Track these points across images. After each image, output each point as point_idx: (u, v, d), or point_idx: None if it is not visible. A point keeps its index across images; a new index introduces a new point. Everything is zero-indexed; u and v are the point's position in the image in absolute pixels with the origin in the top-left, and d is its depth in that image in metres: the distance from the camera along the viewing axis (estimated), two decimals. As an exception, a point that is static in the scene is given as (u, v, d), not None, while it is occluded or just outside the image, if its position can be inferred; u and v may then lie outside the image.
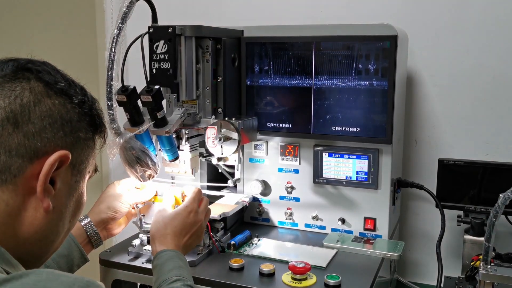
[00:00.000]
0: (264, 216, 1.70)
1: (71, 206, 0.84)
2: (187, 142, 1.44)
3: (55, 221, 0.81)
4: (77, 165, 0.82)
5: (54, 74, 0.80)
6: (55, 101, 0.78)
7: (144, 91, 1.27)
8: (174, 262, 1.18)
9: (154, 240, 1.27)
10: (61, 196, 0.80)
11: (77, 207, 0.87)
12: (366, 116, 1.50)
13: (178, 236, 1.27)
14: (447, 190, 1.63)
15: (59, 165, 0.77)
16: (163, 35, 1.35)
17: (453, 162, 1.61)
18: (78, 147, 0.81)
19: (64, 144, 0.78)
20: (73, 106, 0.80)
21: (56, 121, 0.77)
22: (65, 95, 0.80)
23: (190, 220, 1.30)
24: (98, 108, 0.88)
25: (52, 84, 0.79)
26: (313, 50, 1.52)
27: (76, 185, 0.84)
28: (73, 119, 0.80)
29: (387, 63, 1.45)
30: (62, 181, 0.79)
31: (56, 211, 0.80)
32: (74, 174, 0.82)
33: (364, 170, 1.54)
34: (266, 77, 1.60)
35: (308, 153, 1.60)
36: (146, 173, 1.31)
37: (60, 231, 0.84)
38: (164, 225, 1.28)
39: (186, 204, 1.32)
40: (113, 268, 1.41)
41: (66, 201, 0.82)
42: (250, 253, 1.46)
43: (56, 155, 0.76)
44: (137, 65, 1.32)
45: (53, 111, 0.77)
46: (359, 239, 1.54)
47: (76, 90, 0.82)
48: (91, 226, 1.32)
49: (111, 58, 1.21)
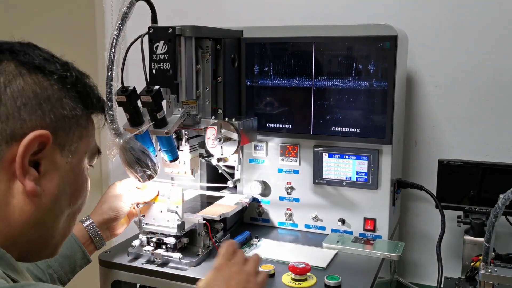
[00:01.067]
0: (264, 217, 1.70)
1: (68, 188, 0.80)
2: (187, 143, 1.43)
3: (48, 205, 0.78)
4: (66, 145, 0.78)
5: (29, 52, 0.77)
6: (27, 79, 0.74)
7: (144, 91, 1.26)
8: None
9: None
10: (50, 179, 0.77)
11: (77, 189, 0.83)
12: (366, 116, 1.50)
13: None
14: (447, 190, 1.63)
15: (42, 147, 0.74)
16: (163, 36, 1.35)
17: (453, 163, 1.61)
18: (64, 126, 0.77)
19: (44, 124, 0.74)
20: (51, 83, 0.76)
21: (30, 100, 0.73)
22: (40, 72, 0.76)
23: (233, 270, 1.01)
24: (89, 83, 0.83)
25: (26, 63, 0.75)
26: (313, 51, 1.52)
27: (69, 166, 0.80)
28: (52, 97, 0.76)
29: (387, 64, 1.45)
30: (49, 163, 0.76)
31: (47, 194, 0.77)
32: (64, 155, 0.78)
33: (364, 170, 1.54)
34: (266, 78, 1.59)
35: (308, 154, 1.60)
36: (146, 173, 1.30)
37: (57, 214, 0.81)
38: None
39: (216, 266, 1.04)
40: (113, 269, 1.40)
41: (58, 184, 0.78)
42: (250, 254, 1.46)
43: (31, 135, 0.72)
44: (137, 65, 1.32)
45: (25, 89, 0.73)
46: (359, 240, 1.53)
47: (56, 66, 0.78)
48: (93, 227, 1.32)
49: (111, 58, 1.21)
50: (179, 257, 1.35)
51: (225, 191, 1.69)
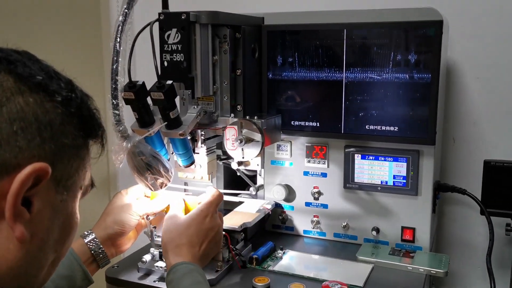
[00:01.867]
0: (288, 224, 1.54)
1: (56, 232, 0.67)
2: (203, 144, 1.27)
3: (35, 252, 0.64)
4: (62, 180, 0.65)
5: (30, 65, 0.63)
6: (28, 99, 0.60)
7: (155, 87, 1.10)
8: (192, 277, 1.03)
9: (167, 252, 1.11)
10: (41, 221, 0.63)
11: (65, 232, 0.69)
12: (405, 113, 1.33)
13: (195, 245, 1.12)
14: (493, 195, 1.46)
15: (36, 182, 0.60)
16: (175, 23, 1.18)
17: (502, 164, 1.43)
18: (62, 158, 0.64)
19: (42, 154, 0.61)
20: (54, 105, 0.63)
21: (30, 125, 0.60)
22: (43, 91, 0.62)
23: (206, 226, 1.15)
24: (92, 106, 0.70)
25: (26, 78, 0.61)
26: (344, 39, 1.35)
27: (63, 206, 0.66)
28: (54, 122, 0.62)
29: (430, 53, 1.27)
30: (42, 201, 0.62)
31: (36, 239, 0.62)
32: (59, 191, 0.65)
33: (402, 174, 1.36)
34: (290, 70, 1.42)
35: (338, 155, 1.43)
36: (158, 181, 1.14)
37: (42, 264, 0.66)
38: (178, 234, 1.12)
39: (201, 208, 1.17)
40: (121, 287, 1.25)
41: (48, 226, 0.65)
42: (275, 268, 1.29)
43: (29, 169, 0.58)
44: (145, 57, 1.16)
45: (26, 111, 0.60)
46: (397, 252, 1.37)
47: (59, 85, 0.65)
48: (96, 243, 1.16)
49: (116, 49, 1.05)
50: (195, 274, 1.19)
51: (245, 196, 1.53)
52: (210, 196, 1.20)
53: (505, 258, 1.55)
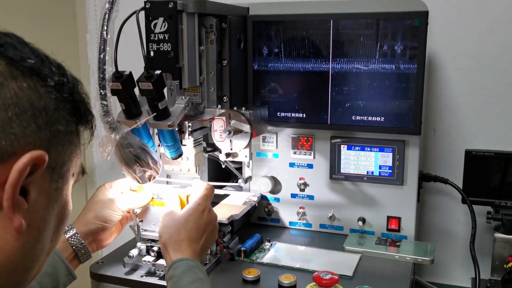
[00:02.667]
0: (274, 216, 1.53)
1: (52, 221, 0.64)
2: (191, 136, 1.25)
3: (32, 242, 0.61)
4: (57, 167, 0.62)
5: (21, 48, 0.61)
6: (22, 84, 0.58)
7: (143, 77, 1.07)
8: (193, 273, 1.01)
9: (166, 248, 1.09)
10: (37, 210, 0.61)
11: (60, 221, 0.66)
12: (391, 103, 1.34)
13: (194, 240, 1.10)
14: (474, 184, 1.48)
15: (33, 170, 0.57)
16: (162, 12, 1.15)
17: (482, 154, 1.46)
18: (57, 144, 0.62)
19: (38, 141, 0.58)
20: (47, 90, 0.60)
21: (25, 111, 0.57)
22: (36, 75, 0.60)
23: (204, 220, 1.13)
24: (82, 91, 0.67)
25: (19, 61, 0.59)
26: (331, 29, 1.34)
27: (58, 193, 0.64)
28: (48, 108, 0.60)
29: (416, 44, 1.28)
30: (38, 190, 0.60)
31: (32, 229, 0.60)
32: (54, 179, 0.62)
33: (388, 164, 1.38)
34: (276, 61, 1.41)
35: (324, 146, 1.43)
36: (146, 173, 1.12)
37: (38, 254, 0.64)
38: (177, 230, 1.10)
39: (198, 202, 1.15)
40: (107, 283, 1.22)
41: (45, 216, 0.62)
42: (263, 260, 1.29)
43: (27, 157, 0.56)
44: (127, 47, 1.13)
45: (20, 97, 0.57)
46: (383, 241, 1.38)
47: (51, 69, 0.62)
48: (78, 239, 1.12)
49: (103, 37, 1.01)
50: (184, 268, 1.17)
51: (230, 189, 1.51)
52: (203, 190, 1.18)
53: (486, 245, 1.58)
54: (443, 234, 1.70)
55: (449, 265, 1.71)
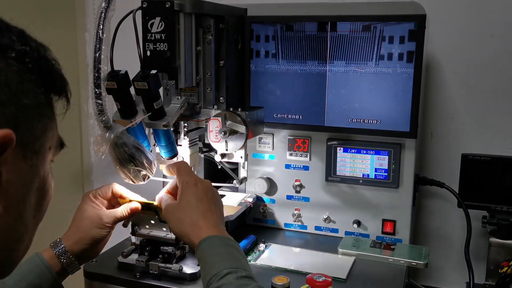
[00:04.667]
0: (269, 218, 1.53)
1: (32, 199, 0.62)
2: (186, 136, 1.24)
3: (12, 223, 0.59)
4: (29, 144, 0.59)
5: None
6: None
7: (139, 76, 1.07)
8: (218, 249, 0.94)
9: (188, 236, 1.00)
10: (13, 190, 0.58)
11: (41, 196, 0.64)
12: (388, 106, 1.34)
13: (206, 214, 1.01)
14: (471, 188, 1.48)
15: (1, 150, 0.54)
16: (159, 11, 1.15)
17: (479, 158, 1.46)
18: (25, 120, 0.58)
19: (3, 119, 0.55)
20: (8, 63, 0.56)
21: None
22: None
23: (201, 191, 1.04)
24: (50, 57, 0.63)
25: None
26: (328, 32, 1.34)
27: (34, 170, 0.61)
28: (11, 81, 0.56)
29: (413, 47, 1.28)
30: (10, 170, 0.57)
31: (10, 210, 0.58)
32: (27, 156, 0.59)
33: (383, 167, 1.37)
34: (273, 62, 1.41)
35: (320, 148, 1.43)
36: (141, 173, 1.12)
37: (22, 232, 0.62)
38: (185, 215, 1.01)
39: (184, 180, 1.06)
40: (100, 282, 1.22)
41: (23, 195, 0.60)
42: (257, 262, 1.29)
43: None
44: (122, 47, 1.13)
45: None
46: (378, 244, 1.38)
47: (11, 38, 0.57)
48: (68, 257, 1.07)
49: (99, 36, 1.01)
50: (178, 268, 1.16)
51: (225, 189, 1.51)
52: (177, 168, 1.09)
53: (481, 250, 1.58)
54: (438, 238, 1.70)
55: (444, 269, 1.71)
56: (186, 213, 1.01)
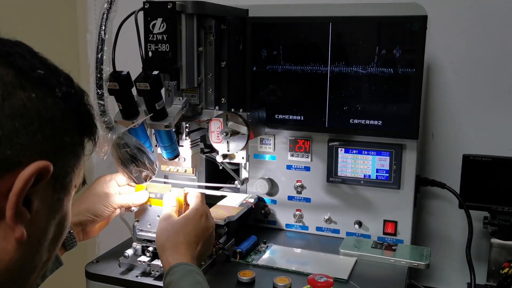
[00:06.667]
0: (270, 218, 1.53)
1: (52, 232, 0.64)
2: (188, 137, 1.25)
3: (31, 253, 0.61)
4: (60, 178, 0.62)
5: (30, 59, 0.61)
6: (31, 94, 0.58)
7: (141, 77, 1.07)
8: (192, 277, 1.00)
9: (164, 251, 1.08)
10: (39, 220, 0.61)
11: (59, 232, 0.66)
12: (389, 107, 1.34)
13: (192, 245, 1.09)
14: (472, 189, 1.48)
15: (37, 180, 0.57)
16: (161, 12, 1.15)
17: (480, 159, 1.46)
18: (62, 155, 0.62)
19: (43, 151, 0.59)
20: (55, 102, 0.60)
21: (32, 122, 0.57)
22: (45, 86, 0.60)
23: (202, 225, 1.13)
24: (87, 103, 0.68)
25: (28, 72, 0.59)
26: (330, 33, 1.34)
27: (59, 204, 0.64)
28: (55, 119, 0.60)
29: (414, 48, 1.29)
30: (40, 200, 0.60)
31: (32, 240, 0.60)
32: (56, 190, 0.62)
33: (385, 168, 1.38)
34: (275, 63, 1.41)
35: (321, 149, 1.43)
36: (143, 174, 1.12)
37: (37, 265, 0.64)
38: (174, 232, 1.09)
39: (196, 207, 1.15)
40: (102, 283, 1.22)
41: (45, 226, 0.62)
42: (259, 262, 1.29)
43: (33, 167, 0.56)
44: (125, 47, 1.13)
45: (28, 107, 0.57)
46: (379, 245, 1.38)
47: (59, 80, 0.62)
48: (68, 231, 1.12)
49: (101, 37, 1.01)
50: (179, 269, 1.16)
51: (226, 190, 1.51)
52: (197, 197, 1.18)
53: (482, 250, 1.58)
54: (439, 239, 1.70)
55: (445, 269, 1.71)
56: (176, 231, 1.10)
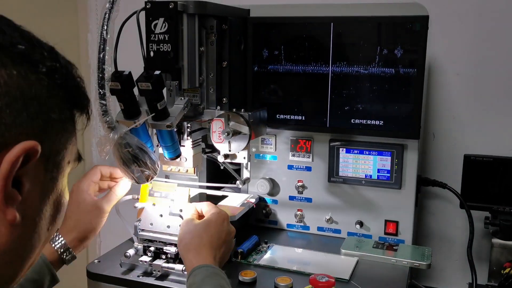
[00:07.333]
0: (272, 218, 1.53)
1: (48, 211, 0.63)
2: (189, 137, 1.25)
3: (28, 234, 0.60)
4: (51, 156, 0.60)
5: (10, 33, 0.57)
6: (12, 71, 0.55)
7: (142, 77, 1.07)
8: (215, 280, 1.00)
9: (187, 252, 1.09)
10: (32, 201, 0.59)
11: (56, 210, 0.65)
12: (391, 107, 1.34)
13: (215, 247, 1.10)
14: (473, 189, 1.48)
15: (26, 160, 0.55)
16: (162, 12, 1.15)
17: (481, 159, 1.46)
18: (51, 133, 0.59)
19: (30, 130, 0.56)
20: (39, 77, 0.58)
21: (15, 100, 0.55)
22: (27, 62, 0.57)
23: (225, 228, 1.15)
24: (76, 75, 0.64)
25: (8, 47, 0.56)
26: (331, 33, 1.34)
27: (53, 183, 0.62)
28: (40, 95, 0.58)
29: (415, 48, 1.28)
30: (31, 180, 0.58)
31: (27, 221, 0.59)
32: (48, 169, 0.60)
33: (386, 168, 1.37)
34: (276, 63, 1.41)
35: (322, 149, 1.43)
36: (144, 173, 1.12)
37: (35, 245, 0.63)
38: (198, 235, 1.10)
39: (217, 212, 1.17)
40: (104, 282, 1.22)
41: (40, 206, 0.61)
42: (260, 262, 1.29)
43: (18, 148, 0.54)
44: (126, 47, 1.13)
45: (10, 86, 0.54)
46: (380, 245, 1.38)
47: (42, 54, 0.59)
48: (66, 247, 1.12)
49: (103, 37, 1.01)
50: (181, 269, 1.17)
51: (227, 190, 1.51)
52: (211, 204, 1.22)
53: (483, 251, 1.58)
54: (440, 239, 1.70)
55: (446, 270, 1.71)
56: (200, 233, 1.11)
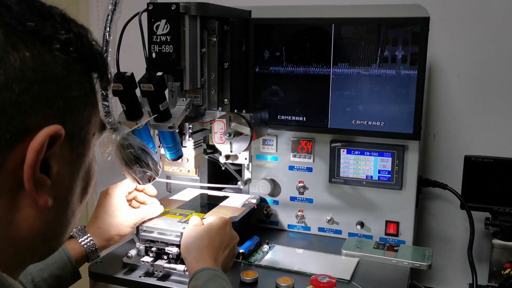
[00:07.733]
0: (273, 219, 1.53)
1: (79, 186, 0.62)
2: (191, 138, 1.25)
3: (61, 211, 0.60)
4: (75, 133, 0.58)
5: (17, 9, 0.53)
6: (25, 53, 0.52)
7: (145, 78, 1.08)
8: (216, 282, 0.99)
9: (189, 255, 1.09)
10: (61, 181, 0.58)
11: (87, 183, 0.64)
12: (392, 108, 1.34)
13: (217, 249, 1.10)
14: (473, 190, 1.48)
15: (50, 143, 0.54)
16: (164, 14, 1.16)
17: (482, 160, 1.46)
18: (72, 111, 0.57)
19: (51, 113, 0.54)
20: (53, 55, 0.54)
21: (32, 85, 0.52)
22: (39, 40, 0.53)
23: (227, 232, 1.15)
24: (91, 39, 0.60)
25: (17, 27, 0.52)
26: (332, 34, 1.35)
27: (80, 159, 0.61)
28: (57, 75, 0.55)
29: (417, 49, 1.29)
30: (59, 162, 0.56)
31: (59, 201, 0.58)
32: (74, 146, 0.58)
33: (387, 168, 1.38)
34: (277, 64, 1.42)
35: (323, 150, 1.44)
36: (147, 174, 1.12)
37: (70, 219, 0.63)
38: (200, 237, 1.10)
39: (219, 217, 1.18)
40: (105, 283, 1.23)
41: (70, 185, 0.60)
42: (261, 263, 1.29)
43: (42, 134, 0.52)
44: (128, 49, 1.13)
45: (25, 70, 0.52)
46: (381, 246, 1.38)
47: (55, 27, 0.55)
48: (93, 247, 1.15)
49: (106, 38, 1.01)
50: (183, 269, 1.17)
51: (229, 191, 1.52)
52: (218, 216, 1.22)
53: (484, 251, 1.58)
54: (441, 240, 1.71)
55: (447, 270, 1.72)
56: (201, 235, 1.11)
